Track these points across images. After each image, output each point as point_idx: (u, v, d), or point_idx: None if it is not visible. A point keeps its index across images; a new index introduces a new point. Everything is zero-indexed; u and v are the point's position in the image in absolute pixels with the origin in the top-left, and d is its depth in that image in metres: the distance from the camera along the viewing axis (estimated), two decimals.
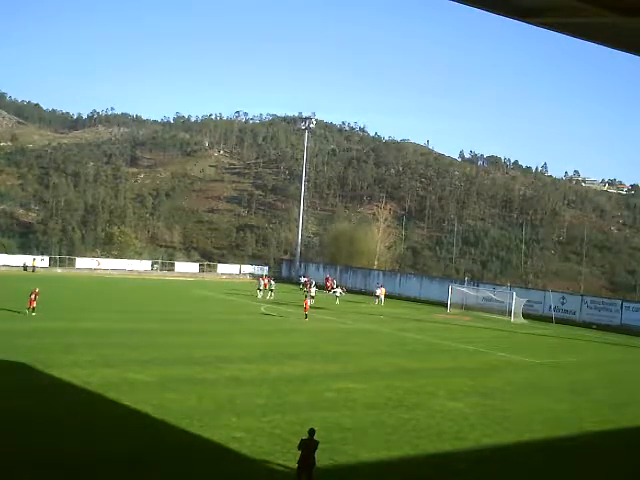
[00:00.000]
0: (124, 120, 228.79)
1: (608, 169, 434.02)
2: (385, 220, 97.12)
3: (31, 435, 16.95)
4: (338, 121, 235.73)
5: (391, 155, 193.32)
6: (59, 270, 70.04)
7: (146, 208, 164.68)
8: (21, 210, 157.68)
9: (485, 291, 61.87)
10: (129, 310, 43.78)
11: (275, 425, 19.21)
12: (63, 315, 37.92)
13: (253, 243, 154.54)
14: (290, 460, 15.61)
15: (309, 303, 47.21)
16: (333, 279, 71.17)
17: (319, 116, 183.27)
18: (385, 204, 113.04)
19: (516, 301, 54.93)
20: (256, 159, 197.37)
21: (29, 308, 36.75)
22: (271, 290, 57.45)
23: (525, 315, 55.07)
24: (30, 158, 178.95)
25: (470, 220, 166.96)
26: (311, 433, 14.32)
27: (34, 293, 37.14)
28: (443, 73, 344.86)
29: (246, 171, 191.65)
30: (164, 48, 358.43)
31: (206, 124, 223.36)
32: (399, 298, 65.89)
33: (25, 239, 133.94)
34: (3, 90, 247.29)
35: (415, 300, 65.33)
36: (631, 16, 9.27)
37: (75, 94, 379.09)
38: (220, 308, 49.95)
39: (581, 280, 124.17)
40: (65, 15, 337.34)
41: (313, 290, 56.97)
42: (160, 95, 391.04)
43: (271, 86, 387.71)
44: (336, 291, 59.81)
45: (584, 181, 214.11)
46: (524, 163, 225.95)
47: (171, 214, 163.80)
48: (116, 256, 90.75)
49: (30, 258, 70.80)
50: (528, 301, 56.93)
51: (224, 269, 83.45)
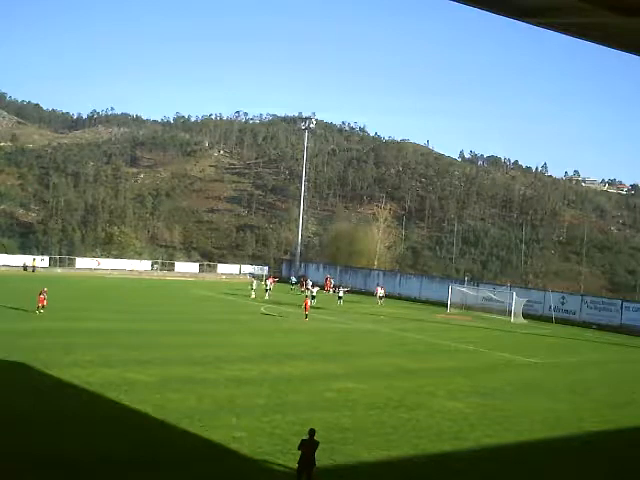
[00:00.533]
0: (124, 120, 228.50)
1: (608, 169, 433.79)
2: (385, 220, 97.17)
3: (31, 435, 16.94)
4: (338, 121, 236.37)
5: (391, 155, 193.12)
6: (59, 270, 70.01)
7: (146, 208, 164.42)
8: (21, 210, 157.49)
9: (485, 291, 61.87)
10: (129, 310, 43.73)
11: (275, 425, 19.21)
12: (63, 315, 37.88)
13: (253, 243, 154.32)
14: (290, 460, 15.62)
15: (309, 303, 47.24)
16: (332, 279, 71.16)
17: (319, 116, 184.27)
18: (385, 204, 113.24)
19: (516, 301, 54.95)
20: (256, 159, 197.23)
21: (39, 307, 37.42)
22: (267, 290, 57.15)
23: (525, 315, 55.10)
24: (30, 158, 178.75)
25: (470, 220, 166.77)
26: (311, 433, 14.33)
27: (43, 292, 38.00)
28: (443, 73, 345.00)
29: (246, 171, 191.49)
30: (164, 48, 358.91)
31: (206, 124, 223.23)
32: (399, 298, 65.94)
33: (25, 239, 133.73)
34: (3, 90, 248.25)
35: (415, 300, 65.37)
36: (631, 16, 9.26)
37: (75, 94, 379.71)
38: (220, 308, 49.94)
39: (581, 280, 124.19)
40: (65, 15, 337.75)
41: (315, 290, 56.82)
42: (160, 95, 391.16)
43: (271, 86, 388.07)
44: (341, 296, 56.90)
45: (584, 181, 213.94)
46: (524, 163, 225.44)
47: (171, 214, 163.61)
48: (116, 256, 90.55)
49: (30, 258, 70.83)
50: (528, 301, 56.97)
51: (224, 269, 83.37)
